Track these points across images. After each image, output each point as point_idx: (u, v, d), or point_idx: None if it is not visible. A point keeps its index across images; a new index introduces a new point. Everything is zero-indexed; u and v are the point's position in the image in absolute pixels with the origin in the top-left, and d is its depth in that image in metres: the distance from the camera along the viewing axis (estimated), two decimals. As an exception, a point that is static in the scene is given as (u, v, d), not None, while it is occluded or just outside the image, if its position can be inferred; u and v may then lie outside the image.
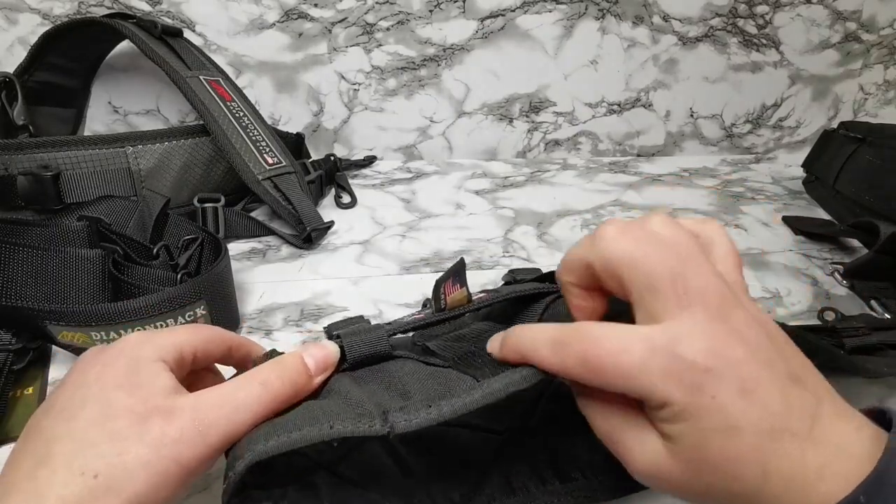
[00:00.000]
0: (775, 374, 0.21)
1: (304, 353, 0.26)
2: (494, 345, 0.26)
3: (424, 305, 0.42)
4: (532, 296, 0.32)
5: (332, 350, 0.27)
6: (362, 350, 0.28)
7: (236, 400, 0.23)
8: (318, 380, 0.26)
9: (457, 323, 0.32)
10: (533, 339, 0.24)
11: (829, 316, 0.44)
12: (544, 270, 0.54)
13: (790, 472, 0.20)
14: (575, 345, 0.22)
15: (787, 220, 0.63)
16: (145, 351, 0.24)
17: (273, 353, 0.27)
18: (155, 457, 0.21)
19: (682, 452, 0.21)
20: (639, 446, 0.22)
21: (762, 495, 0.20)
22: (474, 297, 0.31)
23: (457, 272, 0.29)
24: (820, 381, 0.22)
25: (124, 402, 0.22)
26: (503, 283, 0.43)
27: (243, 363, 0.28)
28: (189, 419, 0.22)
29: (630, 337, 0.21)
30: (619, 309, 0.25)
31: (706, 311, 0.21)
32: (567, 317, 0.27)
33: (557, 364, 0.23)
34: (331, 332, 0.30)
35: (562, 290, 0.26)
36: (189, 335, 0.26)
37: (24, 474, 0.21)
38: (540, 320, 0.31)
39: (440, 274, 0.29)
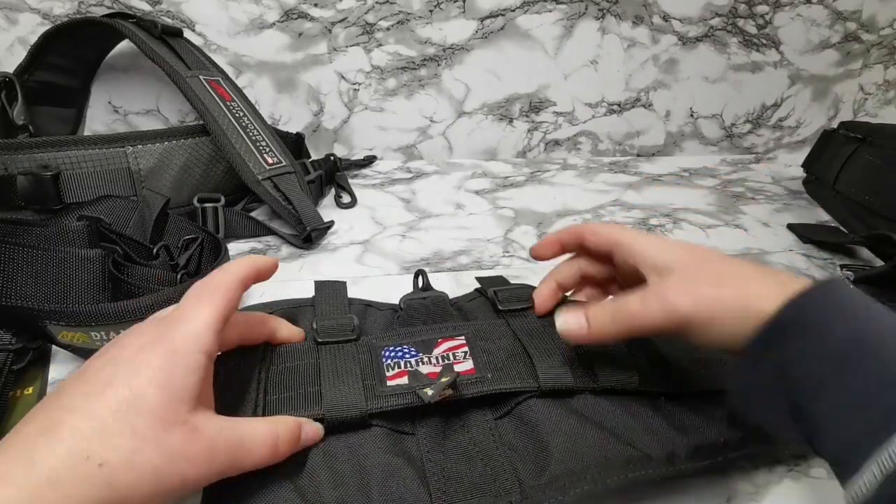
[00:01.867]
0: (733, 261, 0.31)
1: (302, 429, 0.28)
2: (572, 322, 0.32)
3: (416, 277, 0.43)
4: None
5: (321, 432, 0.29)
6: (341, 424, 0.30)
7: (251, 450, 0.25)
8: (301, 447, 0.28)
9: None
10: (627, 301, 0.31)
11: (849, 275, 0.45)
12: (544, 268, 0.54)
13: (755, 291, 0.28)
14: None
15: (794, 228, 0.62)
16: (188, 344, 0.24)
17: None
18: (166, 467, 0.21)
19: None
20: (643, 304, 0.30)
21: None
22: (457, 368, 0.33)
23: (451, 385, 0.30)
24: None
25: (153, 403, 0.22)
26: (475, 291, 0.43)
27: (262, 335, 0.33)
28: (206, 445, 0.23)
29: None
30: None
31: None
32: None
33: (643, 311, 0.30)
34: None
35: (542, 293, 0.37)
36: (227, 310, 0.27)
37: (27, 436, 0.21)
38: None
39: (440, 274, 0.29)
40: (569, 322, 0.32)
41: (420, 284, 0.43)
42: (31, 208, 0.49)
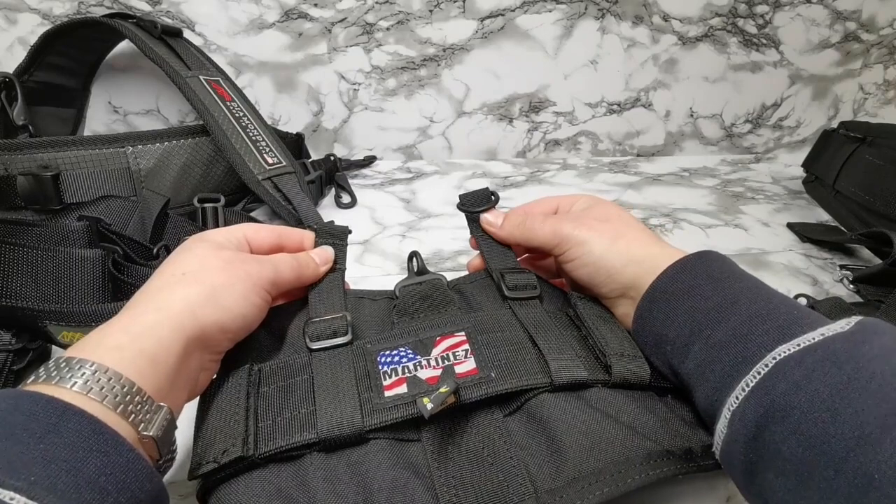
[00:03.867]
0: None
1: (311, 252, 0.37)
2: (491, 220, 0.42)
3: (410, 259, 0.42)
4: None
5: (330, 251, 0.38)
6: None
7: (284, 262, 0.34)
8: (324, 269, 0.37)
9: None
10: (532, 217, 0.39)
11: (803, 301, 0.45)
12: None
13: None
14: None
15: (793, 227, 0.62)
16: (229, 233, 0.35)
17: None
18: (229, 267, 0.31)
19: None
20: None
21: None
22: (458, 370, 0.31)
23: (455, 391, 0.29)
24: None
25: (202, 246, 0.32)
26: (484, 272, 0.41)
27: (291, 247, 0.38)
28: (251, 258, 0.33)
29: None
30: None
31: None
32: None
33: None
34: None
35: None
36: (248, 231, 0.36)
37: (141, 293, 0.30)
38: None
39: (440, 274, 0.29)
40: (489, 219, 0.41)
41: (415, 268, 0.41)
42: (31, 208, 0.49)
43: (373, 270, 0.52)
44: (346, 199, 0.65)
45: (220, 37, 0.67)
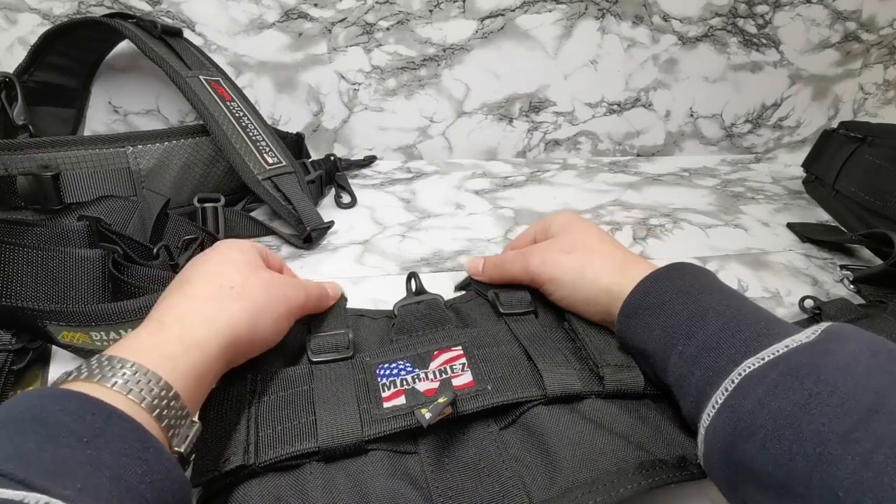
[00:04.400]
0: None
1: (327, 286, 0.39)
2: (474, 268, 0.44)
3: (409, 280, 0.43)
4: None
5: (340, 289, 0.40)
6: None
7: (308, 288, 0.36)
8: (331, 302, 0.39)
9: None
10: (502, 257, 0.42)
11: (809, 304, 0.45)
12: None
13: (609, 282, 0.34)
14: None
15: (793, 227, 0.62)
16: (253, 247, 0.36)
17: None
18: (267, 287, 0.31)
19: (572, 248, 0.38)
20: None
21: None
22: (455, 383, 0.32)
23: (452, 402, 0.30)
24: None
25: (241, 259, 0.33)
26: (472, 290, 0.43)
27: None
28: (284, 278, 0.34)
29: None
30: None
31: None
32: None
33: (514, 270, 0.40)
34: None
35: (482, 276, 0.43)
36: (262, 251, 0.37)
37: (174, 291, 0.30)
38: None
39: (440, 274, 0.29)
40: (471, 265, 0.44)
41: (413, 288, 0.42)
42: (31, 208, 0.49)
43: (373, 270, 0.52)
44: (346, 199, 0.65)
45: (220, 37, 0.67)
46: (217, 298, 0.29)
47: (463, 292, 0.44)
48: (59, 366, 0.39)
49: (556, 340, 0.34)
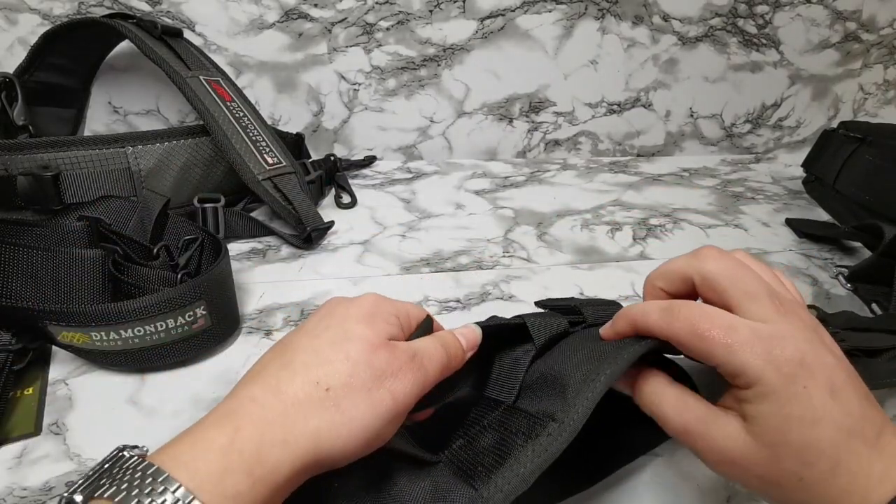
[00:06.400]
0: (855, 386, 0.24)
1: (457, 333, 0.31)
2: (605, 327, 0.30)
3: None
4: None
5: (478, 332, 0.31)
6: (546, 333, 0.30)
7: (434, 359, 0.28)
8: (468, 355, 0.30)
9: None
10: (643, 308, 0.27)
11: (812, 313, 0.44)
12: (544, 268, 0.54)
13: (857, 470, 0.22)
14: (685, 311, 0.25)
15: (791, 223, 0.63)
16: (385, 306, 0.29)
17: (428, 321, 0.31)
18: (376, 385, 0.25)
19: (764, 435, 0.23)
20: (720, 432, 0.24)
21: (829, 487, 0.23)
22: None
23: None
24: (879, 406, 0.25)
25: (361, 331, 0.26)
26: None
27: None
28: (406, 360, 0.26)
29: (738, 320, 0.24)
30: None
31: (802, 322, 0.25)
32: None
33: (665, 326, 0.26)
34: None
35: (645, 291, 0.30)
36: (408, 308, 0.30)
37: (270, 372, 0.25)
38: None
39: (440, 274, 0.29)
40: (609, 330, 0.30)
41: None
42: (31, 209, 0.49)
43: (373, 271, 0.52)
44: (346, 199, 0.65)
45: (220, 37, 0.67)
46: (306, 404, 0.24)
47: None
48: (59, 366, 0.39)
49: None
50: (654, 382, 0.27)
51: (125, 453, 0.21)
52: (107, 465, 0.21)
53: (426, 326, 0.30)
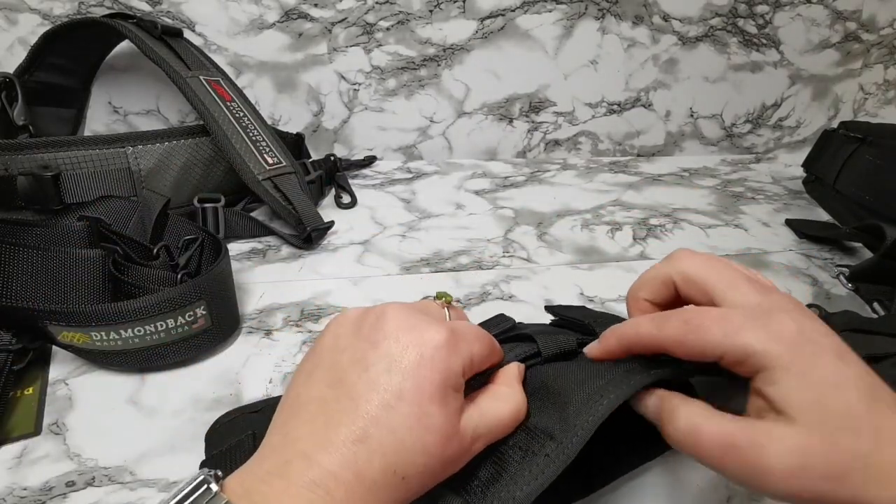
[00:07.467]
0: (855, 353, 0.23)
1: (508, 381, 0.29)
2: (592, 346, 0.29)
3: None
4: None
5: (522, 369, 0.30)
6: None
7: (500, 426, 0.27)
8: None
9: None
10: (633, 321, 0.27)
11: (814, 312, 0.44)
12: (544, 268, 0.54)
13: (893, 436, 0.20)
14: (675, 314, 0.25)
15: (791, 224, 0.63)
16: (454, 362, 0.25)
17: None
18: (442, 474, 0.25)
19: (803, 413, 0.21)
20: (770, 437, 0.21)
21: (877, 457, 0.20)
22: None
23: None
24: None
25: (439, 422, 0.24)
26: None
27: None
28: (468, 445, 0.25)
29: (728, 309, 0.24)
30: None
31: (785, 298, 0.25)
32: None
33: (656, 332, 0.25)
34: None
35: (630, 307, 0.29)
36: (478, 348, 0.27)
37: (342, 439, 0.23)
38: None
39: (440, 274, 0.28)
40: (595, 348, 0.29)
41: None
42: (31, 208, 0.49)
43: (373, 271, 0.52)
44: (346, 199, 0.65)
45: (220, 37, 0.67)
46: (384, 490, 0.23)
47: None
48: (59, 366, 0.39)
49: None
50: (684, 409, 0.24)
51: (212, 486, 0.21)
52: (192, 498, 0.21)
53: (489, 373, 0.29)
